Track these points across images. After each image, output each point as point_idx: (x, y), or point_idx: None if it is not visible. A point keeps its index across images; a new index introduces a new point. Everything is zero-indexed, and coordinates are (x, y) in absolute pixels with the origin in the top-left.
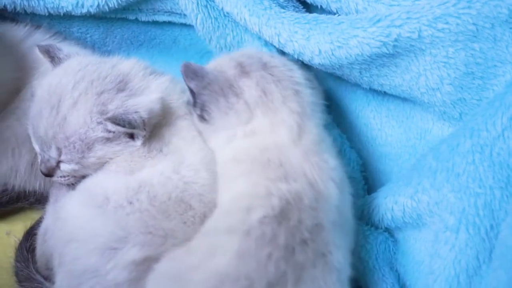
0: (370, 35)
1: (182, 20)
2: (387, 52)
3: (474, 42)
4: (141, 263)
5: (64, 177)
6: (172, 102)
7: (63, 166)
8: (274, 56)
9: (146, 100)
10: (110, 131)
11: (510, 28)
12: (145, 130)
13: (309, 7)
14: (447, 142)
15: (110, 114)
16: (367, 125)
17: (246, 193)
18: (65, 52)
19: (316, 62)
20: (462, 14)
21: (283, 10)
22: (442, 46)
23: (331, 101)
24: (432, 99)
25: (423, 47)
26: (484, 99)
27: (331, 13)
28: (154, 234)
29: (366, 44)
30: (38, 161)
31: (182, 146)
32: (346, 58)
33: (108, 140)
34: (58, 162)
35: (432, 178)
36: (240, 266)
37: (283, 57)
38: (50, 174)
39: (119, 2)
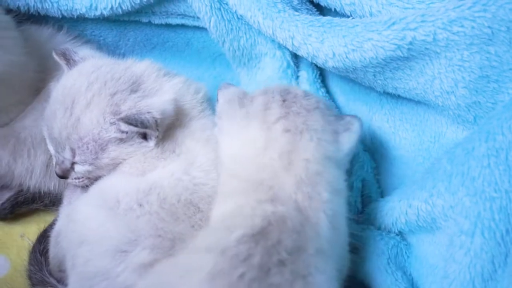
0: (385, 38)
1: (195, 23)
2: (402, 55)
3: (489, 45)
4: (150, 266)
5: (78, 178)
6: (185, 103)
7: (77, 168)
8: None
9: (159, 100)
10: (123, 132)
11: None
12: (157, 130)
13: (322, 10)
14: (462, 146)
15: (123, 115)
16: (381, 128)
17: (233, 213)
18: (80, 55)
19: (330, 65)
20: (478, 17)
21: (297, 13)
22: (457, 49)
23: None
24: (446, 102)
25: (438, 50)
26: (499, 103)
27: (345, 16)
28: (163, 238)
29: (381, 47)
30: (53, 163)
31: (195, 147)
32: (360, 61)
33: (121, 140)
34: (73, 164)
35: (447, 181)
36: (212, 286)
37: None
38: (64, 176)
39: (133, 4)
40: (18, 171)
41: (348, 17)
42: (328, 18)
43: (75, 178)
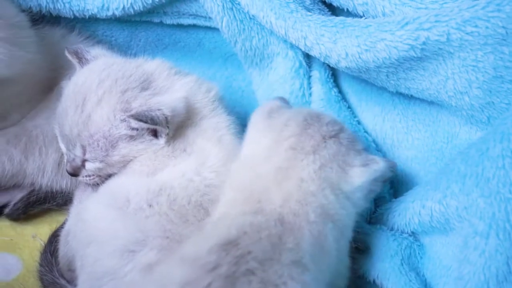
0: (398, 39)
1: (207, 23)
2: (415, 55)
3: (503, 46)
4: (156, 267)
5: (89, 176)
6: (196, 102)
7: (88, 165)
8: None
9: (169, 98)
10: (133, 128)
11: None
12: (168, 128)
13: (334, 10)
14: (476, 147)
15: (133, 112)
16: (393, 128)
17: (215, 223)
18: (92, 53)
19: (342, 65)
20: (492, 17)
21: (310, 13)
22: (471, 50)
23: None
24: (460, 103)
25: (452, 51)
26: None
27: (358, 16)
28: (171, 239)
29: (394, 47)
30: (64, 161)
31: (206, 146)
32: (373, 61)
33: (131, 138)
34: (83, 161)
35: (461, 182)
36: None
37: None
38: (75, 173)
39: (145, 4)
40: (30, 170)
41: (360, 17)
42: (341, 18)
43: (86, 176)
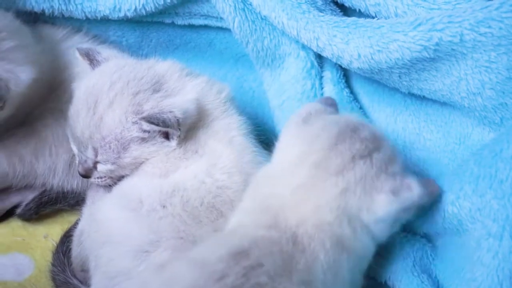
0: (411, 39)
1: (218, 23)
2: (428, 56)
3: None
4: None
5: (101, 178)
6: (208, 103)
7: (100, 167)
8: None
9: (181, 100)
10: (145, 131)
11: None
12: (179, 130)
13: (346, 11)
14: (490, 148)
15: (145, 114)
16: (405, 129)
17: (231, 231)
18: (103, 55)
19: (355, 66)
20: (505, 18)
21: (322, 14)
22: (484, 50)
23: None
24: (472, 104)
25: (465, 51)
26: None
27: (370, 16)
28: (185, 240)
29: (407, 48)
30: (76, 162)
31: (218, 148)
32: (385, 62)
33: (143, 140)
34: (95, 163)
35: (474, 184)
36: None
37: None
38: (87, 175)
39: (156, 5)
40: (41, 170)
41: (373, 18)
42: (353, 18)
43: (98, 178)
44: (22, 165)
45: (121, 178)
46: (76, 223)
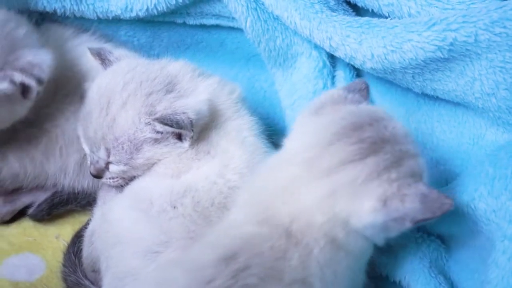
0: (425, 39)
1: (230, 23)
2: (442, 56)
3: None
4: None
5: (112, 178)
6: (220, 103)
7: (112, 168)
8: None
9: (194, 101)
10: (158, 132)
11: None
12: (192, 131)
13: (359, 11)
14: (506, 149)
15: (158, 115)
16: (418, 129)
17: (224, 231)
18: (115, 54)
19: (368, 66)
20: None
21: (334, 14)
22: (499, 51)
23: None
24: (486, 104)
25: (479, 52)
26: None
27: (383, 16)
28: (195, 240)
29: (421, 48)
30: (88, 162)
31: (230, 148)
32: (399, 62)
33: (156, 141)
34: (107, 164)
35: (489, 185)
36: None
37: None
38: (99, 175)
39: (168, 5)
40: (52, 170)
41: (386, 18)
42: (366, 18)
43: (110, 178)
44: (33, 165)
45: (132, 178)
46: (87, 224)
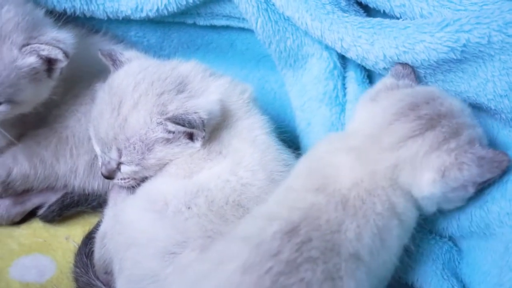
0: (438, 40)
1: (240, 24)
2: (455, 57)
3: None
4: None
5: (124, 179)
6: (231, 103)
7: (124, 168)
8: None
9: (205, 101)
10: (170, 132)
11: None
12: (204, 131)
13: (369, 12)
14: None
15: (170, 114)
16: None
17: (279, 201)
18: (126, 55)
19: (380, 67)
20: None
21: (346, 15)
22: None
23: None
24: (499, 106)
25: (492, 53)
26: None
27: (394, 17)
28: (213, 238)
29: (433, 49)
30: (99, 163)
31: (242, 147)
32: (411, 63)
33: (168, 141)
34: (119, 164)
35: (502, 188)
36: (243, 278)
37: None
38: (110, 176)
39: (179, 6)
40: (62, 171)
41: (397, 18)
42: (378, 19)
43: (121, 179)
44: (43, 166)
45: (144, 179)
46: (97, 225)
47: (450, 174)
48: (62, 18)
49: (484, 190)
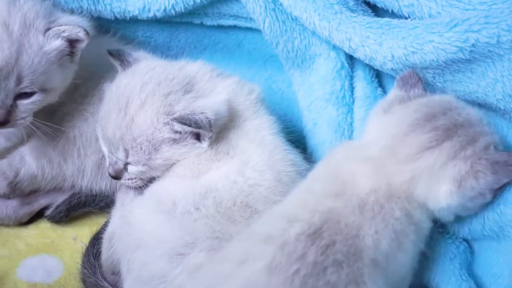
0: (447, 40)
1: (248, 24)
2: (464, 57)
3: None
4: None
5: (131, 179)
6: (239, 104)
7: (131, 168)
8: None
9: (212, 101)
10: (176, 132)
11: None
12: (211, 131)
13: (377, 11)
14: None
15: (176, 115)
16: None
17: (298, 203)
18: (134, 56)
19: (388, 67)
20: None
21: (354, 15)
22: None
23: None
24: (508, 106)
25: (501, 53)
26: None
27: (403, 17)
28: (221, 239)
29: (442, 49)
30: (106, 164)
31: (249, 147)
32: (420, 63)
33: (174, 141)
34: (126, 164)
35: None
36: (270, 279)
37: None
38: (118, 176)
39: (186, 6)
40: (70, 171)
41: (406, 18)
42: (386, 19)
43: (128, 179)
44: (51, 166)
45: (151, 179)
46: (105, 225)
47: (467, 183)
48: None
49: (496, 192)
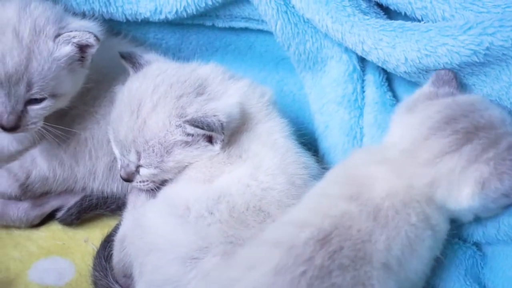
0: (461, 43)
1: (259, 26)
2: (477, 61)
3: None
4: None
5: (143, 182)
6: (251, 106)
7: (142, 171)
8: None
9: (225, 104)
10: (188, 134)
11: None
12: (223, 134)
13: (390, 14)
14: None
15: (189, 117)
16: None
17: (312, 207)
18: (146, 58)
19: (401, 70)
20: None
21: (367, 17)
22: None
23: None
24: None
25: None
26: None
27: (416, 20)
28: (234, 244)
29: (456, 52)
30: (118, 166)
31: (261, 151)
32: (433, 66)
33: (187, 144)
34: (138, 167)
35: None
36: (276, 279)
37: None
38: (129, 179)
39: (198, 8)
40: (81, 173)
41: (419, 21)
42: (399, 22)
43: (140, 182)
44: (62, 168)
45: (163, 182)
46: (116, 228)
47: (491, 185)
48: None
49: None
